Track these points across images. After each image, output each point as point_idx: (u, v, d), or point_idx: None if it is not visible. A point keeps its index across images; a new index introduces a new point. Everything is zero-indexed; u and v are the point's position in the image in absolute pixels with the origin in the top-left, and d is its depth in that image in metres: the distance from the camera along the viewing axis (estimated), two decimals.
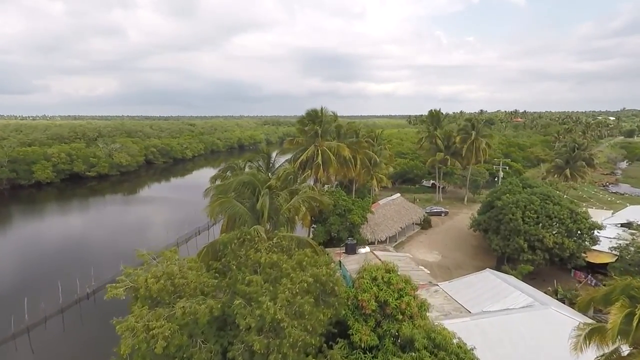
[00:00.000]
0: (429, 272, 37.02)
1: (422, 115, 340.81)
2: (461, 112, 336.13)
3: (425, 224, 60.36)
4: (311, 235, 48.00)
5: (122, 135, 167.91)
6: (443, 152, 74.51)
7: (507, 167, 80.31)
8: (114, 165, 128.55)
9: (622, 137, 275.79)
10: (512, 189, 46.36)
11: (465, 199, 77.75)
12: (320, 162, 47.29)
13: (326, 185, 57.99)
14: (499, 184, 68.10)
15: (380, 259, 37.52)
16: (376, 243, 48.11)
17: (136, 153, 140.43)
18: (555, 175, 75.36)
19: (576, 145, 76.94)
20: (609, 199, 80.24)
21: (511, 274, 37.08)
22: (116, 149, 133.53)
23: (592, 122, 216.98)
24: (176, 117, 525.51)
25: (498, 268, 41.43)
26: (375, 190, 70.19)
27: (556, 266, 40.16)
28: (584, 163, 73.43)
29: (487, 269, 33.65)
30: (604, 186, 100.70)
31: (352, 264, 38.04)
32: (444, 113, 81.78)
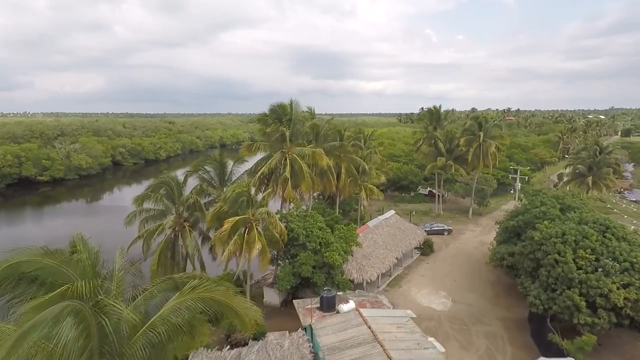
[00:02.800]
0: (444, 350, 24.71)
1: (412, 113, 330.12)
2: (453, 110, 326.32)
3: (426, 249, 48.18)
4: (273, 279, 35.24)
5: (87, 134, 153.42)
6: (445, 157, 62.44)
7: (525, 177, 67.79)
8: (72, 168, 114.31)
9: (618, 136, 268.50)
10: (547, 211, 34.28)
11: (471, 211, 65.81)
12: (289, 176, 34.73)
13: (303, 204, 45.44)
14: (517, 198, 56.20)
15: (369, 326, 25.13)
16: (364, 284, 35.71)
17: (100, 154, 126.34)
18: (573, 184, 63.87)
19: (598, 148, 65.51)
20: (636, 210, 69.02)
21: (566, 348, 24.99)
22: (75, 150, 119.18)
23: (592, 120, 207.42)
24: (163, 114, 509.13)
25: (538, 330, 29.35)
26: (363, 203, 57.92)
27: (621, 326, 28.13)
28: (610, 170, 62.03)
29: (541, 358, 21.52)
30: (619, 192, 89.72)
31: (328, 332, 25.58)
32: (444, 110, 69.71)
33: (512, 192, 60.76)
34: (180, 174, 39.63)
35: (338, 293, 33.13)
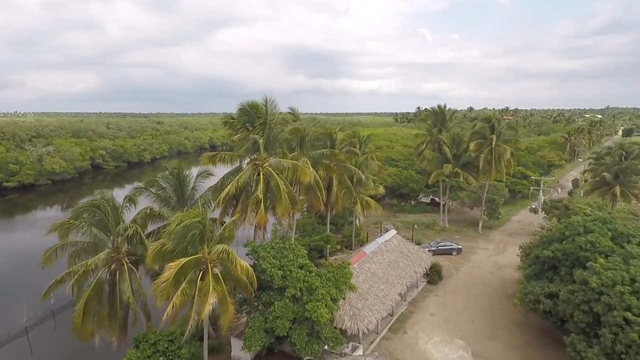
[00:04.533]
0: None
1: (408, 112, 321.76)
2: (454, 110, 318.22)
3: (433, 276, 40.32)
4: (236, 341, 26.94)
5: (67, 135, 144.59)
6: (452, 163, 54.57)
7: (550, 188, 58.99)
8: (44, 172, 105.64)
9: (618, 136, 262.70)
10: (596, 241, 26.46)
11: (480, 225, 58.01)
12: (261, 196, 26.68)
13: (280, 231, 37.25)
14: (539, 213, 48.43)
15: None
16: (360, 335, 27.73)
17: (76, 157, 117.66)
18: (597, 194, 56.25)
19: (624, 152, 58.03)
20: None
21: None
22: (48, 153, 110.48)
23: (595, 120, 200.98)
24: (156, 113, 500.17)
25: None
26: (359, 219, 50.08)
27: None
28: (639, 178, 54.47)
29: None
30: (636, 199, 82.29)
31: None
32: (450, 109, 61.74)
33: (534, 206, 52.86)
34: (119, 192, 31.63)
35: (325, 348, 25.35)
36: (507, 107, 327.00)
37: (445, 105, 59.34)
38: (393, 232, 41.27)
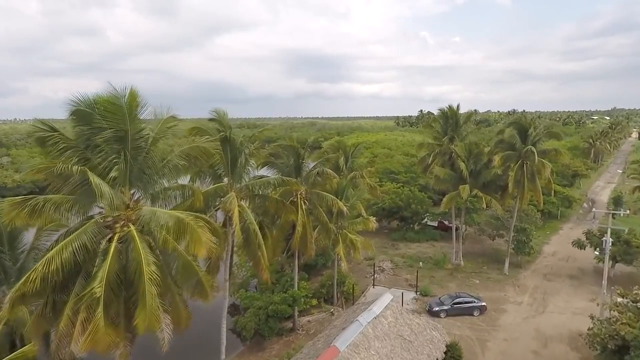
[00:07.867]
0: None
1: (411, 116, 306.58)
2: (468, 112, 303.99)
3: None
4: None
5: (34, 144, 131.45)
6: (469, 183, 40.41)
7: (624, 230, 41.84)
8: None
9: (632, 137, 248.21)
10: None
11: (507, 264, 43.65)
12: (101, 291, 12.69)
13: None
14: (604, 257, 33.84)
15: None
16: None
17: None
18: None
19: None
20: None
21: None
22: (1, 165, 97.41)
23: (615, 122, 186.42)
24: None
25: None
26: (343, 264, 35.96)
27: None
28: None
29: None
30: None
31: None
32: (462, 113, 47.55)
33: (596, 251, 38.25)
34: None
35: None
36: (514, 110, 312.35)
37: (458, 107, 45.29)
38: (388, 297, 26.92)
